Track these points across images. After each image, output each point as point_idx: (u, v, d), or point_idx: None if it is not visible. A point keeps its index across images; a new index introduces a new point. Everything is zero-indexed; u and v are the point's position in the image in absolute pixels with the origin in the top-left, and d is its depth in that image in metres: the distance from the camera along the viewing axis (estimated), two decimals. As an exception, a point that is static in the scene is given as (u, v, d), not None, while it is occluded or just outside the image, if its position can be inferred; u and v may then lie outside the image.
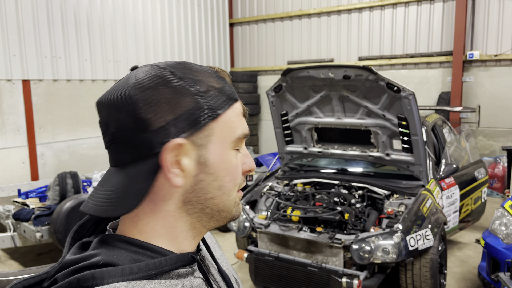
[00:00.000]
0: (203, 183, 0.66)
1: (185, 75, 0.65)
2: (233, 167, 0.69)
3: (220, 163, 0.67)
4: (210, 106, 0.65)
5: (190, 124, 0.63)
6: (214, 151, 0.66)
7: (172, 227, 0.67)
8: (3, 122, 5.55)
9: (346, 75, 3.52)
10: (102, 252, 0.62)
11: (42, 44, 5.86)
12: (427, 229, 3.25)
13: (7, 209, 4.18)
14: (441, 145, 4.37)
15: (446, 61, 7.34)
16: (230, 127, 0.68)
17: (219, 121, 0.66)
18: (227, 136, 0.68)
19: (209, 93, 0.65)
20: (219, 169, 0.67)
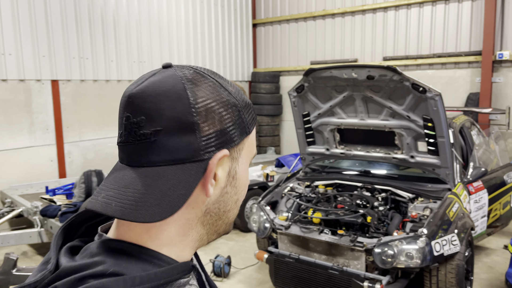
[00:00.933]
0: (227, 195, 0.67)
1: (228, 86, 0.65)
2: (248, 182, 0.72)
3: (244, 177, 0.70)
4: (247, 121, 0.66)
5: (232, 136, 0.64)
6: (242, 165, 0.69)
7: (185, 236, 0.65)
8: (33, 121, 5.72)
9: (369, 75, 3.45)
10: (107, 260, 0.58)
11: (70, 46, 6.02)
12: (454, 234, 3.15)
13: (35, 206, 4.31)
14: (469, 147, 4.24)
15: (475, 61, 7.13)
16: (253, 144, 0.70)
17: (249, 137, 0.68)
18: (251, 153, 0.70)
19: (246, 108, 0.67)
20: (241, 183, 0.70)
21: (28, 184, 5.49)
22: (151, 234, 0.62)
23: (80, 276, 0.55)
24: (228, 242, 5.14)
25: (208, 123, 0.60)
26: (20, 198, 4.79)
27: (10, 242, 4.12)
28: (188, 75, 0.62)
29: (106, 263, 0.57)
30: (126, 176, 0.61)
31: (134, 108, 0.60)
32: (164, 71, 0.63)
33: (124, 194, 0.59)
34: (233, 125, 0.63)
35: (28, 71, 5.59)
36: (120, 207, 0.58)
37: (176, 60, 7.68)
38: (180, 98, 0.59)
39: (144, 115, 0.59)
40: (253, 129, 0.69)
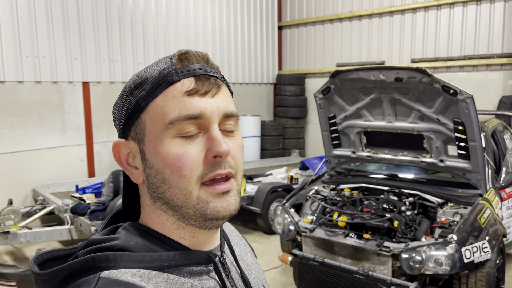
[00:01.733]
0: (150, 178, 0.65)
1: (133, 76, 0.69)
2: (171, 158, 0.62)
3: (155, 154, 0.63)
4: (139, 98, 0.64)
5: (127, 122, 0.66)
6: (149, 144, 0.64)
7: (162, 224, 0.68)
8: (64, 121, 5.91)
9: (398, 77, 3.40)
10: (121, 237, 0.64)
11: (101, 49, 6.19)
12: (485, 241, 3.05)
13: (66, 204, 4.45)
14: (502, 152, 4.10)
15: (508, 63, 6.89)
16: (160, 114, 0.62)
17: (148, 111, 0.63)
18: (158, 125, 0.62)
19: (142, 85, 0.64)
20: (156, 162, 0.63)
21: (59, 183, 5.66)
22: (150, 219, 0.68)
23: (95, 248, 0.62)
24: (251, 243, 5.15)
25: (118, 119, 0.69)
26: (51, 196, 4.96)
27: (42, 239, 4.26)
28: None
29: (119, 239, 0.63)
30: None
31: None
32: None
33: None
34: (120, 112, 0.68)
35: (61, 73, 5.78)
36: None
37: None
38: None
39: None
40: (152, 100, 0.63)
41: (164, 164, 0.62)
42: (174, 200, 0.63)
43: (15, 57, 5.34)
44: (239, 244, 0.85)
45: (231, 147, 0.65)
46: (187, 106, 0.62)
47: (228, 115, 0.66)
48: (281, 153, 9.02)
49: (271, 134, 8.75)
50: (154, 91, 0.63)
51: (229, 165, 0.65)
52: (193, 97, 0.62)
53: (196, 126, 0.63)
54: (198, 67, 0.65)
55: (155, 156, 0.63)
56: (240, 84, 8.67)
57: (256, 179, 6.13)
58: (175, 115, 0.61)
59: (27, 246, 5.05)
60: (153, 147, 0.63)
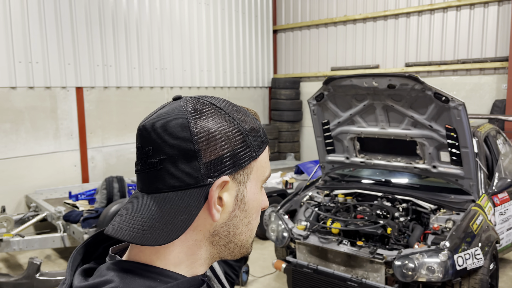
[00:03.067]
0: (236, 219, 0.69)
1: (233, 113, 0.68)
2: (260, 205, 0.73)
3: (253, 200, 0.71)
4: (253, 146, 0.68)
5: (236, 161, 0.66)
6: (251, 189, 0.70)
7: (194, 255, 0.68)
8: (58, 127, 5.88)
9: (390, 84, 3.40)
10: (115, 279, 0.61)
11: (95, 53, 6.17)
12: (477, 248, 3.06)
13: (59, 211, 4.42)
14: (495, 157, 4.11)
15: (501, 67, 6.93)
16: (263, 167, 0.72)
17: (257, 161, 0.70)
18: (261, 176, 0.72)
19: (252, 133, 0.69)
20: (251, 207, 0.71)
21: (53, 189, 5.63)
22: (159, 255, 0.65)
23: None
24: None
25: (210, 150, 0.64)
26: (44, 203, 4.92)
27: (35, 246, 4.23)
28: (193, 106, 0.66)
29: (113, 282, 0.60)
30: (138, 202, 0.66)
31: (143, 139, 0.66)
32: (173, 103, 0.68)
33: (133, 219, 0.64)
34: (236, 151, 0.66)
35: (54, 78, 5.76)
36: (129, 231, 0.62)
37: (197, 67, 7.76)
38: (181, 128, 0.64)
39: (151, 145, 0.65)
40: (261, 153, 0.71)
41: (255, 209, 0.72)
42: (244, 241, 0.72)
43: (8, 63, 5.31)
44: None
45: None
46: (269, 167, 0.75)
47: None
48: (277, 156, 9.02)
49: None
50: (262, 145, 0.71)
51: None
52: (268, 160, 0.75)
53: None
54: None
55: (253, 201, 0.71)
56: (235, 88, 8.67)
57: (250, 184, 6.11)
58: (268, 173, 0.74)
59: (20, 254, 5.01)
60: (253, 193, 0.70)
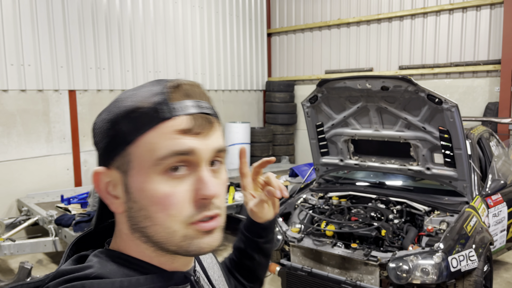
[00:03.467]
0: (132, 211, 0.64)
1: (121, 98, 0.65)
2: (158, 196, 0.61)
3: (141, 191, 0.62)
4: (128, 131, 0.61)
5: (111, 151, 0.63)
6: (135, 178, 0.62)
7: (141, 252, 0.67)
8: (50, 130, 5.83)
9: (384, 86, 3.41)
10: (95, 265, 0.62)
11: (88, 56, 6.13)
12: (471, 250, 3.06)
13: (50, 214, 4.37)
14: (488, 159, 4.13)
15: (493, 70, 6.98)
16: (150, 150, 0.60)
17: (137, 145, 0.61)
18: (147, 160, 0.61)
19: (133, 115, 0.61)
20: (141, 198, 0.62)
21: (45, 193, 5.57)
22: (127, 246, 0.67)
23: (68, 278, 0.59)
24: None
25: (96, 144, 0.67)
26: (36, 207, 4.87)
27: (26, 251, 4.18)
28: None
29: (93, 267, 0.61)
30: None
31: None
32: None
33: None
34: (110, 140, 0.63)
35: (47, 81, 5.71)
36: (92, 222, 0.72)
37: (191, 69, 7.74)
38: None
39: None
40: (143, 134, 0.61)
41: (151, 201, 0.61)
42: (157, 237, 0.63)
43: (0, 66, 5.26)
44: (205, 258, 0.87)
45: (217, 186, 0.64)
46: (177, 143, 0.60)
47: (219, 150, 0.66)
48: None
49: (261, 141, 8.74)
50: (144, 126, 0.61)
51: (215, 206, 0.64)
52: (185, 136, 0.61)
53: (186, 164, 0.62)
54: (192, 104, 0.63)
55: (141, 192, 0.62)
56: (229, 91, 8.66)
57: (245, 187, 6.09)
58: (165, 152, 0.60)
59: (12, 258, 4.94)
60: (140, 183, 0.61)
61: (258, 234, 1.02)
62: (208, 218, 0.63)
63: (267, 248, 1.06)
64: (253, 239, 1.03)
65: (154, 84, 0.65)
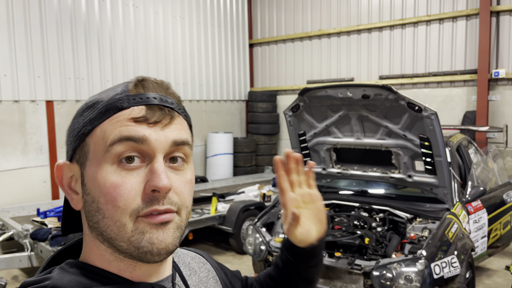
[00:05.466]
0: (86, 205, 0.61)
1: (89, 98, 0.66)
2: (107, 186, 0.58)
3: (93, 181, 0.59)
4: (86, 121, 0.62)
5: (72, 144, 0.64)
6: (89, 168, 0.60)
7: (101, 255, 0.64)
8: (26, 141, 5.67)
9: (365, 95, 3.43)
10: (54, 276, 0.60)
11: (66, 66, 6.02)
12: (453, 256, 3.07)
13: (26, 229, 4.22)
14: (467, 166, 4.19)
15: (470, 79, 7.15)
16: (103, 138, 0.59)
17: (93, 135, 0.60)
18: (99, 149, 0.59)
19: (93, 108, 0.62)
20: (93, 188, 0.60)
21: (20, 206, 5.39)
22: (90, 251, 0.64)
23: None
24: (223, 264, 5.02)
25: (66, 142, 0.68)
26: (11, 221, 4.70)
27: (0, 266, 4.02)
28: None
29: (52, 279, 0.59)
30: None
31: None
32: None
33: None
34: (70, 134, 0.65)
35: (23, 92, 5.58)
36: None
37: (173, 80, 7.69)
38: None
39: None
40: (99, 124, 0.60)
41: (100, 191, 0.59)
42: (108, 231, 0.60)
43: (-26, 76, 5.12)
44: (198, 272, 0.81)
45: (175, 182, 0.61)
46: (128, 129, 0.58)
47: (179, 143, 0.62)
48: (254, 170, 8.97)
49: (243, 151, 8.70)
50: (102, 116, 0.60)
51: (170, 201, 0.60)
52: (140, 124, 0.59)
53: (140, 155, 0.60)
54: (153, 96, 0.61)
55: (92, 182, 0.60)
56: (212, 101, 8.62)
57: (228, 197, 6.03)
58: (115, 136, 0.58)
59: (-16, 275, 4.74)
60: (92, 172, 0.60)
61: (297, 258, 0.89)
62: (158, 212, 0.59)
63: (310, 273, 0.91)
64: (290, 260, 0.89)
65: (118, 84, 0.66)
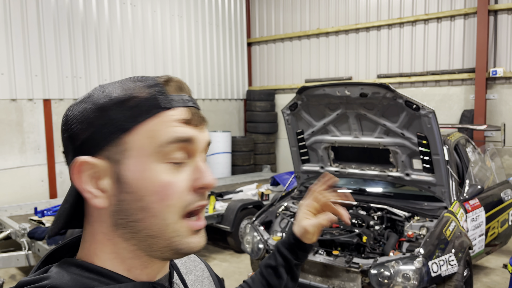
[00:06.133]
0: (125, 203, 0.60)
1: (107, 89, 0.62)
2: (158, 185, 0.59)
3: (140, 180, 0.59)
4: (124, 118, 0.59)
5: (100, 140, 0.60)
6: (133, 167, 0.59)
7: (115, 253, 0.62)
8: (24, 140, 5.65)
9: (362, 93, 3.43)
10: (52, 275, 0.59)
11: (63, 65, 6.00)
12: (451, 254, 3.07)
13: (23, 228, 4.21)
14: (465, 165, 4.19)
15: (468, 78, 7.16)
16: (151, 137, 0.59)
17: (135, 133, 0.59)
18: (147, 148, 0.59)
19: (129, 104, 0.60)
20: (139, 187, 0.59)
21: (18, 205, 5.38)
22: (91, 251, 0.63)
23: None
24: (222, 263, 5.02)
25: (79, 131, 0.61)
26: (8, 220, 4.68)
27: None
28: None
29: (50, 278, 0.58)
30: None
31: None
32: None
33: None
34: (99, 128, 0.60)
35: (20, 90, 5.56)
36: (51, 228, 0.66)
37: (171, 78, 7.68)
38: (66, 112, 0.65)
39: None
40: (141, 123, 0.60)
41: (151, 190, 0.59)
42: (150, 229, 0.60)
43: (-30, 74, 5.10)
44: (194, 271, 0.82)
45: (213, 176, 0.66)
46: (180, 130, 0.61)
47: (209, 143, 0.68)
48: (253, 169, 8.97)
49: (242, 150, 8.70)
50: (143, 114, 0.60)
51: (206, 196, 0.65)
52: (188, 126, 0.62)
53: (185, 152, 0.62)
54: (187, 98, 0.65)
55: (139, 180, 0.59)
56: (210, 100, 8.61)
57: (226, 196, 6.03)
58: (167, 138, 0.60)
59: (-18, 274, 4.73)
60: (138, 172, 0.59)
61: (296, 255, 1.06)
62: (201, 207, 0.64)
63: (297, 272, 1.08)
64: (288, 258, 1.06)
65: (138, 78, 0.64)
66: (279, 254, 1.06)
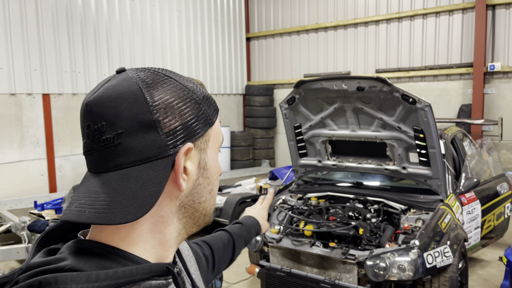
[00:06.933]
0: (200, 187, 0.68)
1: (184, 82, 0.66)
2: (219, 172, 0.73)
3: (214, 167, 0.71)
4: (208, 113, 0.68)
5: (195, 129, 0.65)
6: (211, 156, 0.70)
7: (161, 233, 0.65)
8: (23, 135, 5.68)
9: (359, 87, 3.45)
10: (69, 257, 0.59)
11: (62, 59, 6.01)
12: (446, 246, 3.11)
13: (23, 221, 4.24)
14: (461, 158, 4.22)
15: (466, 73, 7.18)
16: (218, 134, 0.72)
17: (213, 128, 0.69)
18: (217, 142, 0.72)
19: (206, 101, 0.68)
20: (213, 173, 0.71)
21: (18, 199, 5.41)
22: (122, 234, 0.62)
23: (39, 270, 0.55)
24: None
25: (169, 119, 0.62)
26: (8, 213, 4.72)
27: (-3, 258, 4.04)
28: (143, 76, 0.63)
29: (67, 260, 0.57)
30: (96, 183, 0.62)
31: (93, 115, 0.61)
32: (118, 76, 0.64)
33: (96, 200, 0.60)
34: (195, 118, 0.65)
35: (19, 85, 5.57)
36: (94, 213, 0.58)
37: (170, 73, 7.69)
38: (136, 99, 0.60)
39: (104, 121, 0.60)
40: (216, 119, 0.71)
41: (216, 176, 0.72)
42: (208, 209, 0.71)
43: (-30, 69, 5.11)
44: (183, 250, 0.87)
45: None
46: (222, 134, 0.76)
47: None
48: (252, 163, 9.00)
49: (241, 144, 8.73)
50: (216, 111, 0.71)
51: None
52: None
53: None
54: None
55: (213, 168, 0.70)
56: (208, 95, 8.62)
57: (225, 190, 6.07)
58: (222, 139, 0.74)
59: (-18, 267, 4.77)
60: (213, 160, 0.70)
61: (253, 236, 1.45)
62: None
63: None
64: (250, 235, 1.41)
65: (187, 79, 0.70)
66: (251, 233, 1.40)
